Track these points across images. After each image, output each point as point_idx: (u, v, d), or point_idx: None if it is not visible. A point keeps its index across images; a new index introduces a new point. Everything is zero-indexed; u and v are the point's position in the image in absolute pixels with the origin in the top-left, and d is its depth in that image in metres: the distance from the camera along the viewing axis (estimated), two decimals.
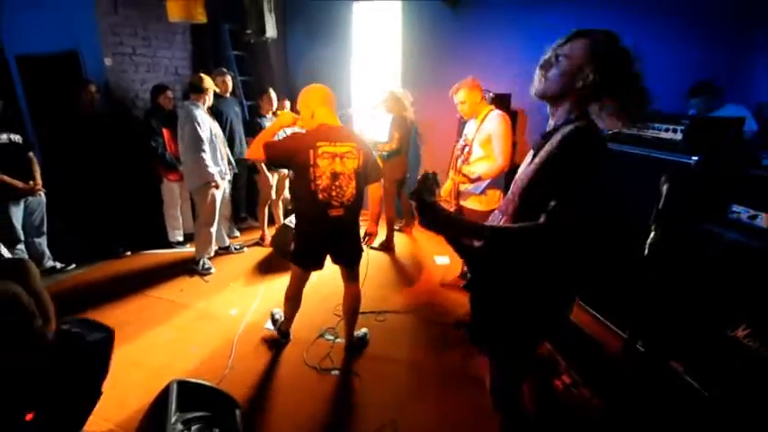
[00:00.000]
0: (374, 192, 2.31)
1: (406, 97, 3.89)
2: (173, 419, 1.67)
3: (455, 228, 1.29)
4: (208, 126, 3.42)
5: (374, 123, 4.21)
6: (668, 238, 1.29)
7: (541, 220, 1.13)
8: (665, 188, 1.33)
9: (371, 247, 4.28)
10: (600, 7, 3.79)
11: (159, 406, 1.78)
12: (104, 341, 1.64)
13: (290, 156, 2.11)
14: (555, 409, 2.15)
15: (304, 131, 2.23)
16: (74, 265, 3.71)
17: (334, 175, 2.12)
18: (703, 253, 1.75)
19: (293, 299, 2.54)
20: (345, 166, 2.14)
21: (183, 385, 1.85)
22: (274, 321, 2.80)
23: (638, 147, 2.13)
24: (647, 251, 1.03)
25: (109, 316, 2.95)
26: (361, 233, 2.55)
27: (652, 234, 1.19)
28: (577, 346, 2.35)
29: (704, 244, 1.74)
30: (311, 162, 2.08)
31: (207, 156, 3.36)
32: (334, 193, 2.15)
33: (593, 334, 2.45)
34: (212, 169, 3.40)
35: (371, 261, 4.01)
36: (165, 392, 1.81)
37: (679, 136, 1.89)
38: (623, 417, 1.94)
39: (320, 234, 2.27)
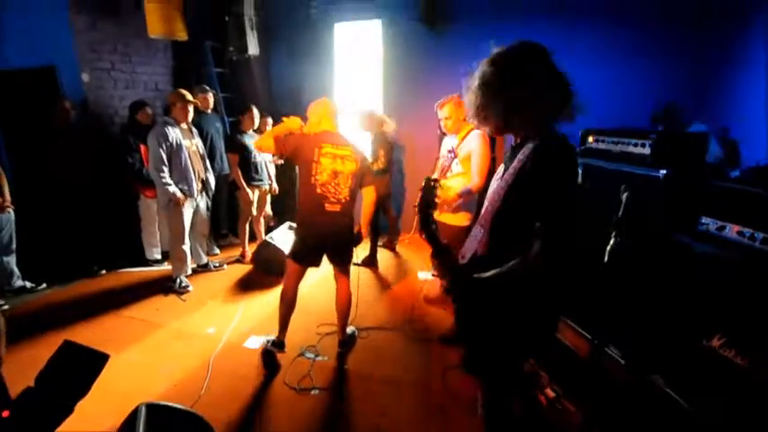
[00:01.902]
0: (368, 197, 2.58)
1: (377, 115, 3.99)
2: None
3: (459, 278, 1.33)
4: (175, 143, 3.37)
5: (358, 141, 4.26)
6: (628, 246, 1.32)
7: (534, 249, 1.14)
8: (624, 196, 1.37)
9: (355, 264, 4.25)
10: (574, 24, 3.94)
11: (126, 431, 1.69)
12: (100, 359, 1.60)
13: (297, 150, 2.42)
14: (540, 426, 2.13)
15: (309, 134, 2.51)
16: (44, 285, 3.58)
17: (335, 174, 2.41)
18: (675, 264, 1.78)
19: (288, 298, 2.61)
20: (345, 166, 2.43)
21: (152, 408, 1.76)
22: (267, 343, 2.72)
23: (608, 161, 2.18)
24: (606, 258, 1.04)
25: (78, 338, 2.80)
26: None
27: (612, 241, 1.21)
28: (557, 358, 2.34)
29: (676, 255, 1.78)
30: (315, 158, 2.38)
31: (165, 174, 3.34)
32: (332, 189, 2.42)
33: (564, 339, 2.45)
34: (171, 188, 3.37)
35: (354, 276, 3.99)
36: (133, 417, 1.72)
37: (647, 150, 1.94)
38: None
39: (317, 228, 2.48)
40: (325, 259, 2.59)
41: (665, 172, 1.83)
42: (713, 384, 1.72)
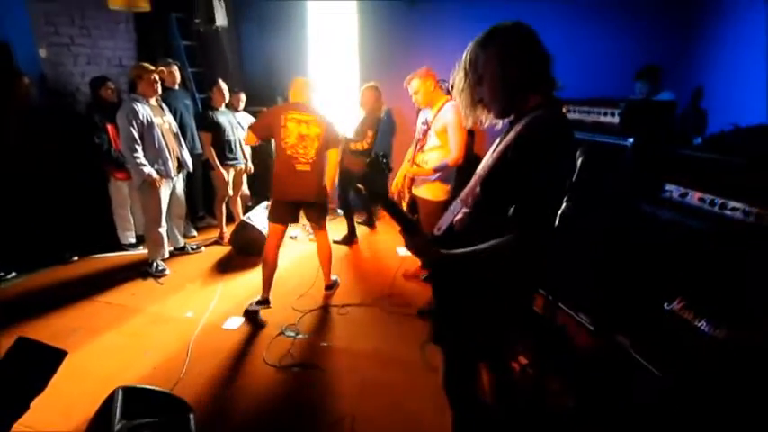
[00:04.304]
0: (332, 157, 2.92)
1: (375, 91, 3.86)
2: (117, 427, 1.59)
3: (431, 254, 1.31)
4: (146, 120, 3.23)
5: (343, 118, 4.16)
6: (583, 211, 1.33)
7: (509, 238, 1.11)
8: (579, 161, 1.38)
9: (334, 241, 4.25)
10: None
11: (103, 415, 1.69)
12: (57, 356, 1.57)
13: (268, 125, 2.76)
14: (512, 394, 2.20)
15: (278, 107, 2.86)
16: (14, 273, 3.47)
17: (301, 137, 2.74)
18: (639, 230, 1.83)
19: (270, 259, 2.87)
20: (310, 130, 2.75)
21: (129, 391, 1.76)
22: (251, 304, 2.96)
23: (580, 131, 2.19)
24: (557, 222, 1.05)
25: (53, 324, 2.79)
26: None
27: (564, 205, 1.21)
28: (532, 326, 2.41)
29: (640, 222, 1.82)
30: (282, 124, 2.71)
31: (139, 153, 3.20)
32: (301, 151, 2.75)
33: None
34: (146, 168, 3.24)
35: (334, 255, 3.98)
36: (110, 400, 1.72)
37: (616, 119, 1.96)
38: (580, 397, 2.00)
39: (290, 187, 2.78)
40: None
41: (631, 140, 1.85)
42: (674, 346, 1.80)
